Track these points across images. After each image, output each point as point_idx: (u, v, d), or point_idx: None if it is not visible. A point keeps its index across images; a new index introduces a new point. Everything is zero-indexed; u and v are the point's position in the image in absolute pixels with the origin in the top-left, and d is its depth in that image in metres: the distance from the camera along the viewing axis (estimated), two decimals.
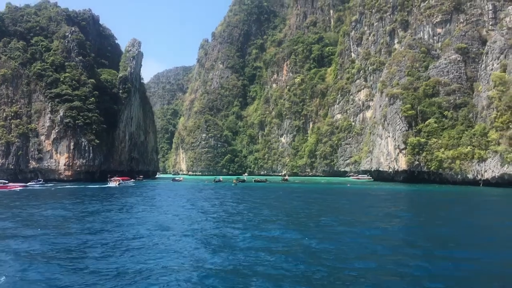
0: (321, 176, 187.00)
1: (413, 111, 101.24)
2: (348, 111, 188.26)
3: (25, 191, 70.31)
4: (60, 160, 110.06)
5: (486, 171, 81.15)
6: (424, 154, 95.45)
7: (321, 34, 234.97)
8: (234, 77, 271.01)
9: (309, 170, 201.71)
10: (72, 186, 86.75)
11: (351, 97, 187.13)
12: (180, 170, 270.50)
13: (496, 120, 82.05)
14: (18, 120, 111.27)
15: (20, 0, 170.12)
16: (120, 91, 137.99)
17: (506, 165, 75.75)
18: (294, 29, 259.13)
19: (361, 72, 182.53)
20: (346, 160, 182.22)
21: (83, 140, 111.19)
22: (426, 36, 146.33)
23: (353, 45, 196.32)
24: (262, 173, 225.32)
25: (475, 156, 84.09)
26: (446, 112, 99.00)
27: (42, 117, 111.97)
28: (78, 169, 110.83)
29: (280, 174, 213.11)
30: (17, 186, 77.98)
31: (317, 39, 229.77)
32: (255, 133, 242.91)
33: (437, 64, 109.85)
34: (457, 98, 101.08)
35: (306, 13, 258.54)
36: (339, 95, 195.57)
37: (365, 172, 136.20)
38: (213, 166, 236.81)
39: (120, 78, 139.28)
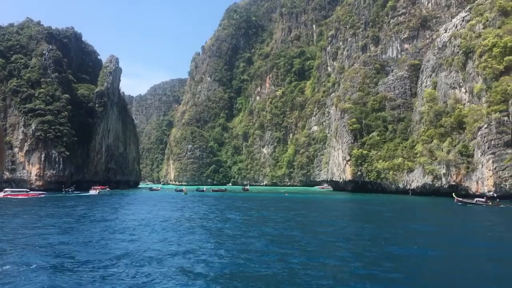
0: (299, 186, 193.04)
1: (358, 125, 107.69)
2: (324, 123, 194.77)
3: (45, 197, 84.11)
4: (32, 171, 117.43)
5: (412, 181, 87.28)
6: (365, 165, 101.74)
7: (304, 48, 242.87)
8: (221, 90, 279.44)
9: (287, 180, 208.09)
10: (71, 194, 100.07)
11: (327, 109, 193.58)
12: (170, 180, 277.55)
13: (423, 133, 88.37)
14: None
15: (5, 19, 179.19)
16: (96, 105, 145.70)
17: (426, 175, 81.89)
18: (280, 43, 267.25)
19: (335, 85, 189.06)
20: (322, 170, 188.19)
21: (53, 152, 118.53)
22: (394, 52, 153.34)
23: (329, 59, 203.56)
24: (245, 183, 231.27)
25: (405, 167, 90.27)
26: (390, 126, 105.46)
27: (16, 131, 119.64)
28: (49, 179, 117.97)
29: (261, 184, 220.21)
30: (36, 195, 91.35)
31: (298, 53, 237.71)
32: (239, 144, 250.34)
33: (385, 80, 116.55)
34: (401, 112, 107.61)
35: (291, 27, 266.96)
36: (315, 108, 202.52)
37: (325, 181, 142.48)
38: (198, 177, 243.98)
39: (97, 92, 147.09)
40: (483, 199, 55.04)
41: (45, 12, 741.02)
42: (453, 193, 63.55)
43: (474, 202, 55.40)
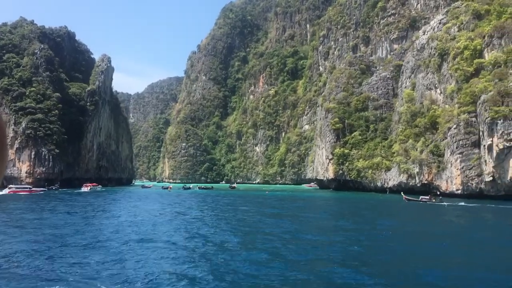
0: (289, 184, 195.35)
1: (341, 124, 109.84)
2: (315, 122, 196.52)
3: (45, 194, 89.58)
4: (22, 168, 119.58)
5: (390, 179, 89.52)
6: (347, 164, 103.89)
7: (297, 47, 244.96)
8: (216, 89, 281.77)
9: (279, 178, 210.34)
10: (68, 191, 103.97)
11: (318, 108, 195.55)
12: (165, 178, 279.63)
13: (401, 133, 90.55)
14: None
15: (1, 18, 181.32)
16: (88, 103, 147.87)
17: (401, 174, 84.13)
18: (274, 42, 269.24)
19: (327, 85, 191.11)
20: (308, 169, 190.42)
21: (43, 149, 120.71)
22: (384, 52, 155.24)
23: (320, 59, 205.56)
24: (238, 180, 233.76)
25: (383, 166, 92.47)
26: (372, 125, 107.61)
27: (7, 129, 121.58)
28: (39, 177, 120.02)
29: (254, 182, 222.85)
30: (38, 191, 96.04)
31: (292, 52, 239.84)
32: (233, 142, 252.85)
33: (369, 80, 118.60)
34: (383, 112, 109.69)
35: (285, 27, 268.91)
36: (307, 107, 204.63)
37: (312, 180, 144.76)
38: (192, 174, 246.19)
39: (88, 91, 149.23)
40: (427, 197, 58.07)
41: (43, 12, 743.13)
42: (402, 192, 67.24)
43: (419, 200, 58.39)
